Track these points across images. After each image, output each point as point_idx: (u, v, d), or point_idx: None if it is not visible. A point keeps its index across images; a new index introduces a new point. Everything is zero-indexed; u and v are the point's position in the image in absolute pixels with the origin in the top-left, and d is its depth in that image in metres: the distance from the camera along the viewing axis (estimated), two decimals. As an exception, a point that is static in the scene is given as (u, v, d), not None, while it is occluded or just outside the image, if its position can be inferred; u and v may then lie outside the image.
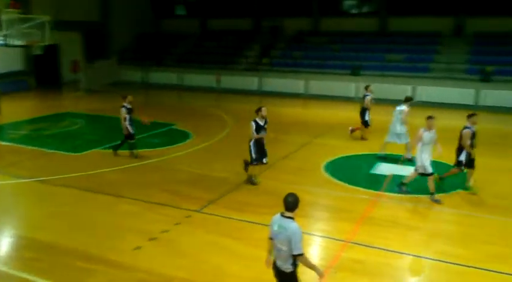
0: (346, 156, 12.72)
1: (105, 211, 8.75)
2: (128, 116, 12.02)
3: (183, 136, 15.07)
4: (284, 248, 4.54)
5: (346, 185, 10.29)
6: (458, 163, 9.58)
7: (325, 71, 25.80)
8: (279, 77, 26.42)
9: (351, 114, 20.69)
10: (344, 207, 8.99)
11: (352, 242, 7.40)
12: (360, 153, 13.06)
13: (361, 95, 24.04)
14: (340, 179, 10.63)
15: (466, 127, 9.41)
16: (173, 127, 16.55)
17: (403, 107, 12.26)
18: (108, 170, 11.27)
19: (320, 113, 20.97)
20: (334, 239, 7.60)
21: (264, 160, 10.01)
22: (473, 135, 9.37)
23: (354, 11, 30.23)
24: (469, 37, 25.67)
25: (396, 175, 10.95)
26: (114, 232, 7.78)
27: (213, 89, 27.46)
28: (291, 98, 24.82)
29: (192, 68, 29.35)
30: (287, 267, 4.65)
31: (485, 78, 21.95)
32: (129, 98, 12.25)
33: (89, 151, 13.10)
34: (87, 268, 6.59)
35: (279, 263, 4.70)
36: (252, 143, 9.85)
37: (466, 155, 9.42)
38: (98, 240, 7.48)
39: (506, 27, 24.32)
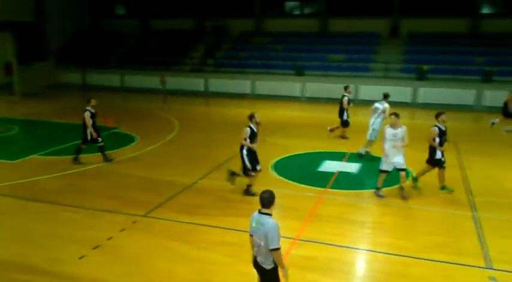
0: (294, 155, 12.90)
1: (46, 220, 8.28)
2: (91, 121, 11.51)
3: (127, 140, 14.61)
4: (262, 243, 4.67)
5: (294, 183, 10.42)
6: (437, 162, 9.46)
7: (270, 71, 26.09)
8: (225, 77, 26.41)
9: (298, 113, 21.13)
10: (292, 206, 9.09)
11: (301, 240, 7.50)
12: (307, 151, 13.28)
13: (304, 95, 24.64)
14: (288, 178, 10.75)
15: (434, 126, 9.44)
16: (116, 130, 16.00)
17: (386, 105, 12.39)
18: (47, 177, 10.70)
19: (267, 113, 21.07)
20: (283, 237, 7.60)
21: (258, 167, 9.34)
22: (442, 133, 9.39)
23: (295, 12, 30.78)
24: (404, 37, 26.96)
25: (341, 172, 11.27)
26: (56, 242, 7.38)
27: (157, 90, 26.91)
28: (238, 98, 24.85)
29: (135, 69, 28.64)
30: (268, 264, 4.76)
31: (421, 76, 23.10)
32: (93, 101, 11.71)
33: (26, 158, 12.38)
34: (27, 280, 6.21)
35: (260, 260, 4.81)
36: (245, 151, 9.19)
37: (441, 153, 9.42)
38: (39, 251, 7.06)
39: (438, 27, 25.89)
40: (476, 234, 7.72)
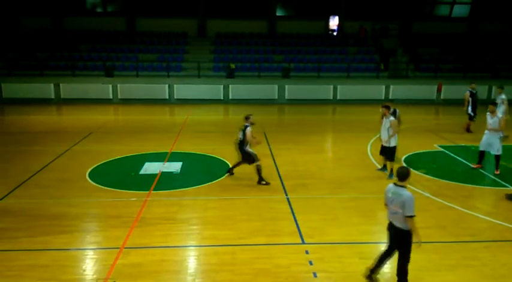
0: (112, 161, 12.21)
1: None
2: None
3: None
4: (399, 210, 5.50)
5: (115, 190, 9.90)
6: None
7: (77, 72, 24.17)
8: (22, 81, 23.29)
9: (111, 117, 20.11)
10: (115, 213, 8.60)
11: (127, 248, 7.14)
12: (126, 155, 12.73)
13: (116, 97, 23.64)
14: (108, 185, 10.15)
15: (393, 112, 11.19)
16: None
17: (503, 96, 15.51)
18: None
19: (77, 118, 19.54)
20: (107, 248, 7.18)
21: None
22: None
23: (98, 10, 29.17)
24: (211, 37, 28.24)
25: (164, 172, 11.15)
26: None
27: None
28: (40, 104, 22.37)
29: None
30: (406, 227, 5.52)
31: (230, 74, 24.48)
32: (252, 118, 10.54)
33: None
34: None
35: (397, 225, 5.62)
36: None
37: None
38: None
39: (242, 28, 28.16)
40: (291, 215, 8.55)
